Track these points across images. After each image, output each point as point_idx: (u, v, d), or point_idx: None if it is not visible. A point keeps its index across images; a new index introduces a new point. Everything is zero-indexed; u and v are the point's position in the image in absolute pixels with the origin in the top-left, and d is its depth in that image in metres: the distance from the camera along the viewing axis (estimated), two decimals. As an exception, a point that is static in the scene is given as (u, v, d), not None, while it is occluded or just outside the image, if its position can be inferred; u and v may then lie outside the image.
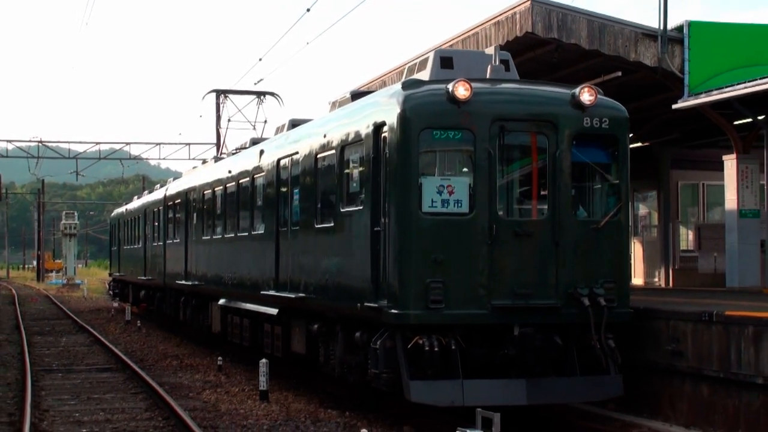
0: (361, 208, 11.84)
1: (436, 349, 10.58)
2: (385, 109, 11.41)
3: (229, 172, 18.58)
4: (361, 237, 11.72)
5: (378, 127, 11.45)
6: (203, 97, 23.16)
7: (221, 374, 17.22)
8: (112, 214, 42.17)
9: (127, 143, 53.14)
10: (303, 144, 14.15)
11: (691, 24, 18.27)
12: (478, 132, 11.02)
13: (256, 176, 16.70)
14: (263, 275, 15.69)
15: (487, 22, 19.37)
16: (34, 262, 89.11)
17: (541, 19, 16.94)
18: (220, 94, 23.68)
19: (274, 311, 15.10)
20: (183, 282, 22.42)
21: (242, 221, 17.63)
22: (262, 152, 16.44)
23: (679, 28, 18.36)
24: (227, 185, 18.74)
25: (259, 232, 16.23)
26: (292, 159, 14.65)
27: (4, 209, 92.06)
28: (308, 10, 20.77)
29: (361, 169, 11.94)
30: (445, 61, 12.03)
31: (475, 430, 8.61)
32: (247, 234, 17.10)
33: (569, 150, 11.32)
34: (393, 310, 10.78)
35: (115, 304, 37.89)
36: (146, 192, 33.53)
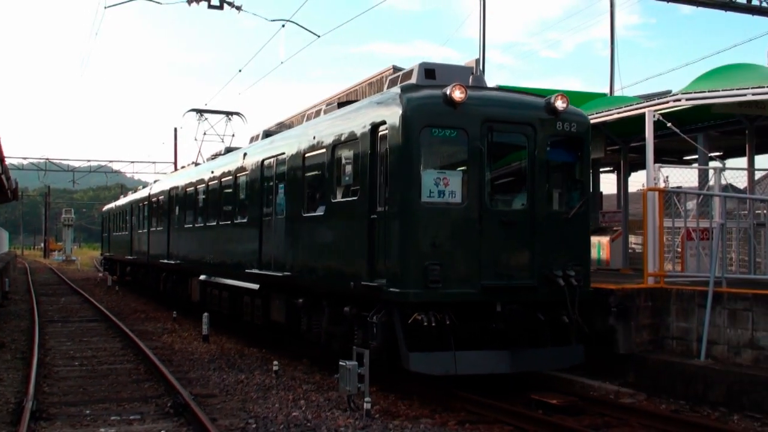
0: (356, 198, 8.77)
1: (433, 324, 7.73)
2: (384, 110, 8.40)
3: (212, 172, 14.91)
4: (355, 224, 8.69)
5: (375, 127, 8.45)
6: (183, 114, 19.35)
7: (175, 324, 16.12)
8: (104, 209, 36.98)
9: (110, 161, 53.22)
10: (289, 145, 10.91)
11: (499, 87, 17.43)
12: (471, 131, 8.15)
13: (238, 175, 13.31)
14: (246, 257, 12.37)
15: (363, 82, 19.09)
16: (42, 244, 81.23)
17: (400, 79, 14.99)
18: (197, 112, 19.55)
19: (255, 286, 11.86)
20: (166, 261, 18.66)
21: (224, 212, 14.15)
22: (245, 155, 12.99)
23: (492, 90, 17.24)
24: (209, 183, 15.25)
25: (242, 220, 12.89)
26: (277, 159, 11.35)
27: (20, 207, 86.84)
28: (240, 70, 20.25)
29: (355, 164, 8.90)
30: (429, 72, 9.02)
31: (352, 362, 7.66)
32: (229, 222, 13.68)
33: (545, 150, 8.51)
34: (393, 289, 7.90)
35: (100, 275, 34.50)
36: (131, 192, 29.25)
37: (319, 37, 15.63)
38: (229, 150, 15.99)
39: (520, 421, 7.40)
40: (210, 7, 14.41)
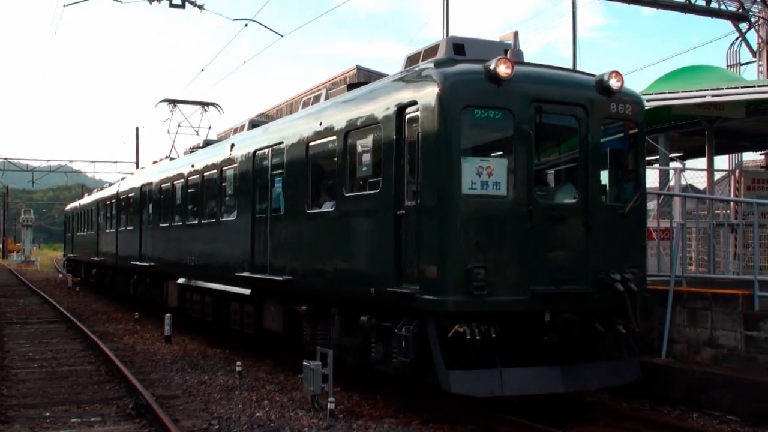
0: (376, 191, 7.21)
1: (477, 337, 6.17)
2: (413, 89, 6.86)
3: (192, 166, 12.93)
4: (377, 221, 7.15)
5: (402, 109, 6.90)
6: (156, 105, 17.32)
7: (137, 325, 15.02)
8: (67, 208, 33.82)
9: (71, 161, 50.69)
10: (289, 134, 9.19)
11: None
12: (517, 112, 6.61)
13: (224, 168, 11.56)
14: (235, 258, 10.59)
15: (327, 82, 17.31)
16: (0, 245, 74.92)
17: (364, 79, 14.21)
18: (170, 103, 17.59)
19: (246, 291, 10.10)
20: (137, 263, 16.62)
21: (207, 209, 12.33)
22: (233, 146, 11.14)
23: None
24: (189, 178, 13.27)
25: (230, 219, 11.21)
26: (273, 149, 9.67)
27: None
28: (202, 70, 19.70)
29: (374, 152, 7.35)
30: (458, 47, 7.37)
31: (315, 362, 7.16)
32: (213, 221, 11.89)
33: (599, 135, 7.03)
34: (428, 296, 6.35)
35: (61, 275, 32.08)
36: (96, 190, 26.80)
37: (282, 36, 14.78)
38: (208, 143, 14.23)
39: (482, 420, 6.89)
40: (171, 6, 13.52)
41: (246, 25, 14.07)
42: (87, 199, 26.41)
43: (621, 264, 6.79)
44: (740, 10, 17.00)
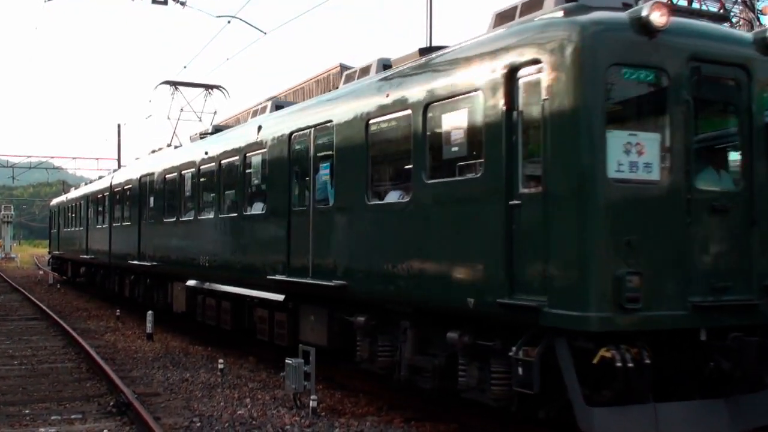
0: (476, 176, 5.59)
1: (630, 365, 4.58)
2: (532, 44, 5.19)
3: (206, 153, 11.12)
4: (477, 214, 5.51)
5: (514, 71, 5.27)
6: (155, 87, 16.16)
7: (119, 322, 14.57)
8: (52, 203, 31.36)
9: (52, 157, 48.92)
10: (340, 111, 7.57)
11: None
12: (673, 73, 4.99)
13: (249, 154, 9.76)
14: (263, 258, 8.90)
15: (310, 80, 17.17)
16: (-22, 242, 71.43)
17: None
18: (171, 85, 16.14)
19: (279, 297, 8.43)
20: (135, 262, 14.68)
21: (226, 202, 10.54)
22: (260, 128, 9.30)
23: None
24: (202, 167, 11.44)
25: (258, 212, 9.53)
26: (316, 130, 7.98)
27: (-44, 204, 77.24)
28: (185, 66, 19.30)
29: (471, 128, 5.67)
30: None
31: (298, 360, 6.91)
32: (235, 215, 10.11)
33: (763, 105, 5.42)
34: (561, 311, 4.74)
35: (41, 272, 30.51)
36: (83, 184, 24.62)
37: (265, 34, 14.21)
38: (218, 128, 12.48)
39: (464, 419, 6.64)
40: (154, 2, 12.93)
41: (229, 21, 13.61)
42: (75, 193, 24.27)
43: None
44: (722, 11, 16.35)
